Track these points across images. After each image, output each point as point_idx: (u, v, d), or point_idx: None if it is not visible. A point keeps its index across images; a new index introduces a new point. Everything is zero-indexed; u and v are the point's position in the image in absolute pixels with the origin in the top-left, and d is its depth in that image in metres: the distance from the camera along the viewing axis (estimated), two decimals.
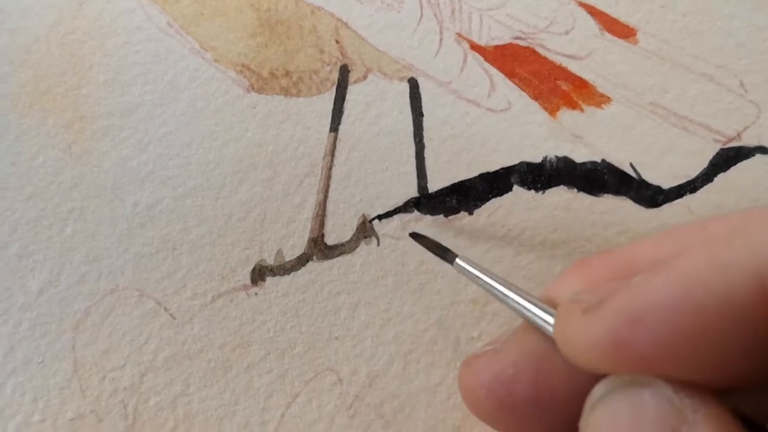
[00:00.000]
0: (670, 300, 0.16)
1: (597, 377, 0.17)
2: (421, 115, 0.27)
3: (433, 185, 0.26)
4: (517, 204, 0.27)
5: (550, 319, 0.19)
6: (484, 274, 0.22)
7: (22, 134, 0.26)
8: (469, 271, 0.22)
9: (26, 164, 0.25)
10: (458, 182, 0.27)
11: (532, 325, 0.20)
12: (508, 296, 0.21)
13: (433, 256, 0.25)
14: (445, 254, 0.23)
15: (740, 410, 0.16)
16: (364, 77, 0.27)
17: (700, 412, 0.15)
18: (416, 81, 0.27)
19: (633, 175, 0.27)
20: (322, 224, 0.26)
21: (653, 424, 0.16)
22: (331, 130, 0.26)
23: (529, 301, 0.20)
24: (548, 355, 0.19)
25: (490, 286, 0.21)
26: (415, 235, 0.25)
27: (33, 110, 0.26)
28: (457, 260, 0.23)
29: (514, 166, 0.27)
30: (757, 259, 0.15)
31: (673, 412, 0.16)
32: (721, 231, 0.17)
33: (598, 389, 0.17)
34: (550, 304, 0.19)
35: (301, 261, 0.26)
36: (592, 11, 0.28)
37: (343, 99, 0.27)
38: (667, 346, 0.16)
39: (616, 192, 0.26)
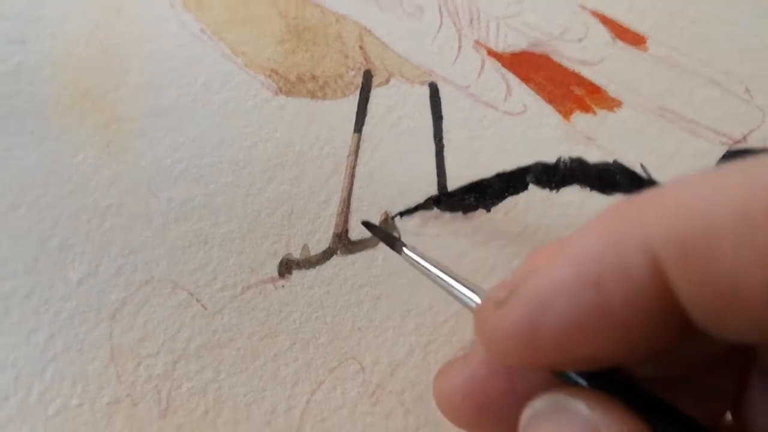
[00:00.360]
0: (571, 279, 0.16)
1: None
2: (441, 117, 0.28)
3: (452, 184, 0.27)
4: (533, 202, 0.28)
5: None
6: (429, 263, 0.22)
7: (63, 134, 0.27)
8: (416, 260, 0.22)
9: (67, 162, 0.27)
10: (476, 181, 0.28)
11: None
12: (451, 286, 0.20)
13: (445, 251, 0.26)
14: (394, 243, 0.24)
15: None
16: (387, 81, 0.28)
17: (613, 427, 0.16)
18: (436, 85, 0.28)
19: (643, 175, 0.28)
20: (346, 220, 0.27)
21: None
22: (355, 131, 0.27)
23: (472, 290, 0.20)
24: None
25: (435, 276, 0.21)
26: (366, 224, 0.26)
27: (73, 110, 0.27)
28: (405, 249, 0.23)
29: (530, 166, 0.28)
30: (647, 233, 0.15)
31: (587, 427, 0.16)
32: (624, 206, 0.16)
33: (525, 413, 0.18)
34: None
35: (326, 255, 0.27)
36: (604, 20, 0.29)
37: (367, 102, 0.28)
38: (576, 326, 0.16)
39: (628, 191, 0.27)
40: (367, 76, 0.27)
